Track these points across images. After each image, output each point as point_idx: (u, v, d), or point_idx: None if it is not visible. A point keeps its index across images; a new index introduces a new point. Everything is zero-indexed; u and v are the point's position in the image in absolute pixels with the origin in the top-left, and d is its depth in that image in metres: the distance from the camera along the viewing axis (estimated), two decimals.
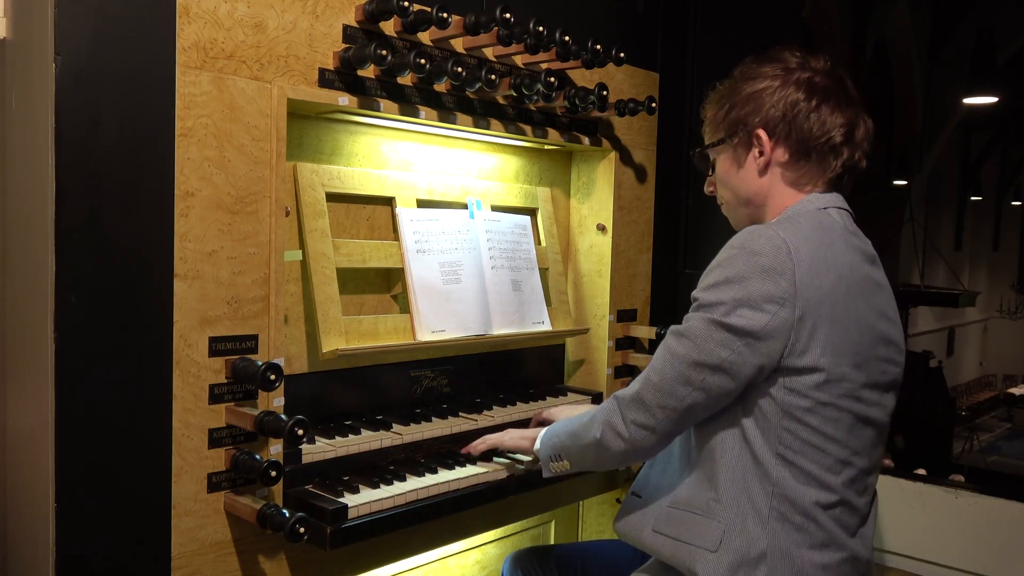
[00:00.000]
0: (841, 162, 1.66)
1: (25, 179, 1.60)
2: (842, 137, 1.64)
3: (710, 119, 1.78)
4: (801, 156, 1.65)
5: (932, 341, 13.98)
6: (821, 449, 1.54)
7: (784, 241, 1.51)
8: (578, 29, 2.24)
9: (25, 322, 1.60)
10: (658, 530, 1.66)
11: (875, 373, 1.59)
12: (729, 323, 1.52)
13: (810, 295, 1.49)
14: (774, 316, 1.49)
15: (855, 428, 1.57)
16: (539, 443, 1.93)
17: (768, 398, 1.54)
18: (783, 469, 1.54)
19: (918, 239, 10.76)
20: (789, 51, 1.70)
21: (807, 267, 1.50)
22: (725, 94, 1.73)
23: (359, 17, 1.89)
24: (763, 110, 1.65)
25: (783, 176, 1.68)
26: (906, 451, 8.35)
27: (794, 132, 1.64)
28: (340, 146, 2.12)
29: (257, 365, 1.66)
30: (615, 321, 2.67)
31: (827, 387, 1.52)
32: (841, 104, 1.65)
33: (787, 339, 1.49)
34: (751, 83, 1.68)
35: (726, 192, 1.78)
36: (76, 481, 1.52)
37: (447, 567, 2.48)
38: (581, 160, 2.71)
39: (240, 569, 1.74)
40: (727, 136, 1.72)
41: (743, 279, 1.51)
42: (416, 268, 2.18)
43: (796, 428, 1.53)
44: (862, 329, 1.56)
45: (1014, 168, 17.83)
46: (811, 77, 1.65)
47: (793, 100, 1.63)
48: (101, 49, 1.51)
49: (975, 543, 2.54)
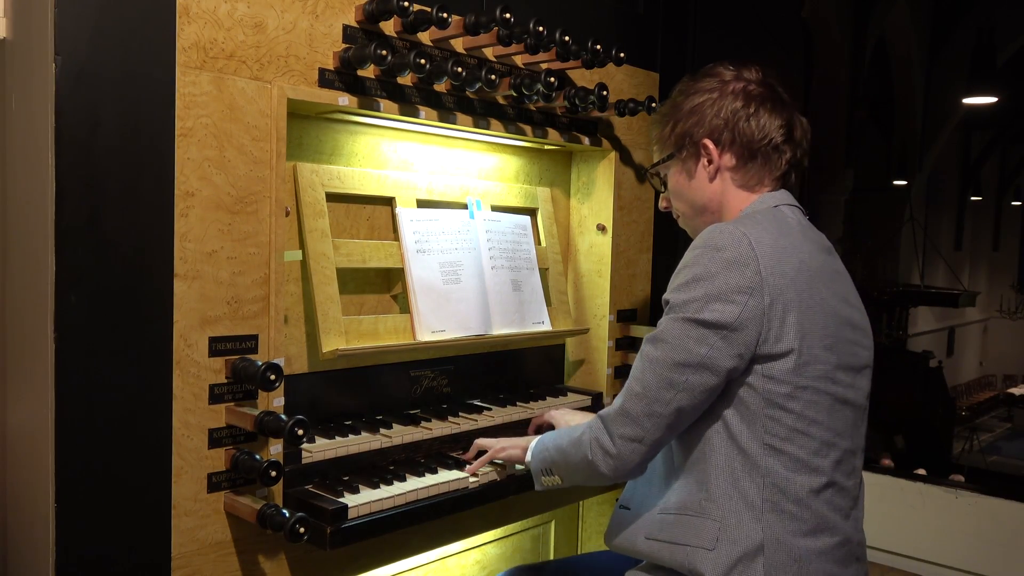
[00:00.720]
0: (785, 160, 1.75)
1: (25, 179, 1.60)
2: (782, 137, 1.74)
3: (656, 138, 1.87)
4: (748, 159, 1.74)
5: (932, 341, 13.98)
6: (806, 433, 1.58)
7: (744, 234, 1.57)
8: (578, 29, 2.24)
9: (25, 322, 1.60)
10: (652, 536, 1.67)
11: (845, 355, 1.64)
12: (703, 319, 1.56)
13: (776, 282, 1.55)
14: (745, 306, 1.54)
15: (835, 409, 1.61)
16: (530, 454, 1.94)
17: (748, 388, 1.57)
18: (771, 458, 1.57)
19: (918, 239, 10.77)
20: (722, 65, 1.80)
21: (769, 255, 1.56)
22: (668, 113, 1.83)
23: (359, 17, 1.89)
24: (706, 121, 1.75)
25: (733, 180, 1.76)
26: (906, 451, 8.35)
27: (738, 137, 1.73)
28: (340, 146, 2.12)
29: (257, 365, 1.67)
30: (615, 321, 2.67)
31: (803, 370, 1.56)
32: (776, 108, 1.74)
33: (760, 326, 1.54)
34: (691, 98, 1.78)
35: (681, 204, 1.86)
36: (76, 481, 1.52)
37: (447, 567, 2.48)
38: (581, 160, 2.71)
39: (240, 569, 1.74)
40: (675, 151, 1.81)
41: (711, 275, 1.56)
42: (416, 268, 2.18)
43: (779, 415, 1.56)
44: (827, 313, 1.61)
45: (1014, 168, 17.83)
46: (746, 86, 1.75)
47: (733, 108, 1.73)
48: (101, 49, 1.51)
49: (975, 543, 2.55)
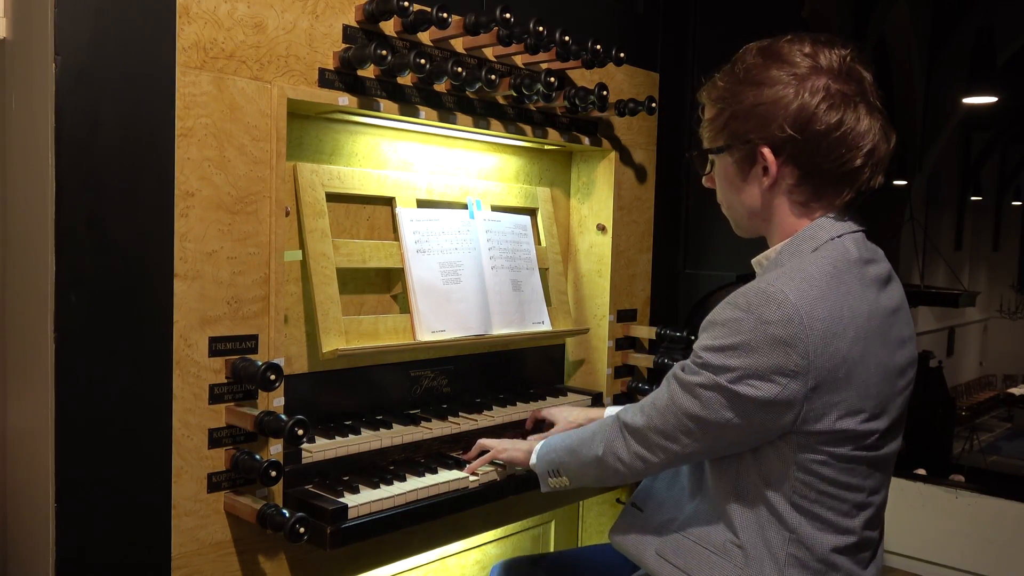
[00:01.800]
0: (857, 186, 1.49)
1: (25, 179, 1.60)
2: (862, 159, 1.45)
3: (709, 121, 1.58)
4: (810, 180, 1.49)
5: (932, 341, 13.98)
6: (838, 498, 1.47)
7: (796, 308, 1.37)
8: (578, 29, 2.24)
9: (25, 322, 1.60)
10: (663, 555, 1.60)
11: (895, 410, 1.50)
12: (737, 391, 1.41)
13: (824, 363, 1.38)
14: (785, 388, 1.38)
15: (873, 471, 1.50)
16: (535, 457, 1.89)
17: (782, 454, 1.46)
18: (799, 516, 1.47)
19: (918, 239, 10.75)
20: (798, 46, 1.47)
21: (822, 334, 1.38)
22: (725, 96, 1.53)
23: (359, 17, 1.89)
24: (769, 127, 1.46)
25: (790, 198, 1.52)
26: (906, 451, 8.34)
27: (805, 154, 1.45)
28: (340, 146, 2.12)
29: (257, 365, 1.66)
30: (615, 321, 2.67)
31: (844, 443, 1.44)
32: (861, 116, 1.44)
33: (800, 408, 1.40)
34: (755, 90, 1.47)
35: (729, 197, 1.63)
36: (76, 481, 1.52)
37: (447, 567, 2.47)
38: (581, 160, 2.71)
39: (240, 569, 1.74)
40: (727, 146, 1.55)
41: (752, 349, 1.39)
42: (416, 268, 2.18)
43: (812, 481, 1.46)
44: (882, 376, 1.45)
45: (1014, 168, 17.83)
46: (827, 84, 1.43)
47: (807, 117, 1.43)
48: (101, 49, 1.51)
49: (975, 543, 2.55)
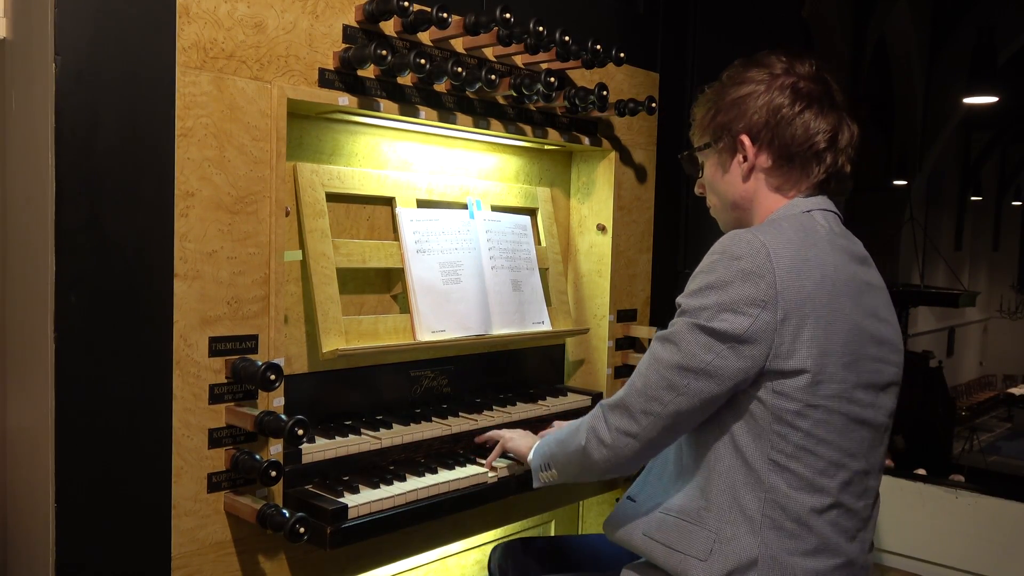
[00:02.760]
0: (824, 168, 1.66)
1: (25, 179, 1.60)
2: (825, 143, 1.64)
3: (698, 122, 1.78)
4: (784, 162, 1.66)
5: (932, 341, 13.99)
6: (813, 452, 1.53)
7: (763, 244, 1.51)
8: (578, 29, 2.24)
9: (25, 322, 1.60)
10: (649, 534, 1.66)
11: (867, 373, 1.58)
12: (712, 327, 1.51)
13: (792, 296, 1.49)
14: (756, 319, 1.49)
15: (848, 430, 1.56)
16: (533, 452, 1.95)
17: (757, 402, 1.53)
18: (775, 475, 1.53)
19: (918, 239, 10.76)
20: (776, 55, 1.69)
21: (788, 268, 1.50)
22: (712, 98, 1.74)
23: (359, 17, 1.89)
24: (747, 116, 1.66)
25: (767, 182, 1.68)
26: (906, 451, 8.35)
27: (777, 139, 1.64)
28: (340, 146, 2.12)
29: (257, 365, 1.67)
30: (615, 321, 2.67)
31: (816, 388, 1.51)
32: (824, 109, 1.64)
33: (771, 342, 1.49)
34: (737, 88, 1.68)
35: (713, 196, 1.80)
36: (76, 481, 1.52)
37: (447, 567, 2.47)
38: (581, 160, 2.71)
39: (240, 569, 1.74)
40: (712, 140, 1.73)
41: (724, 284, 1.51)
42: (416, 268, 2.18)
43: (787, 432, 1.52)
44: (850, 329, 1.54)
45: (1014, 168, 17.84)
46: (795, 82, 1.65)
47: (776, 106, 1.64)
48: (101, 49, 1.51)
49: (975, 543, 2.55)
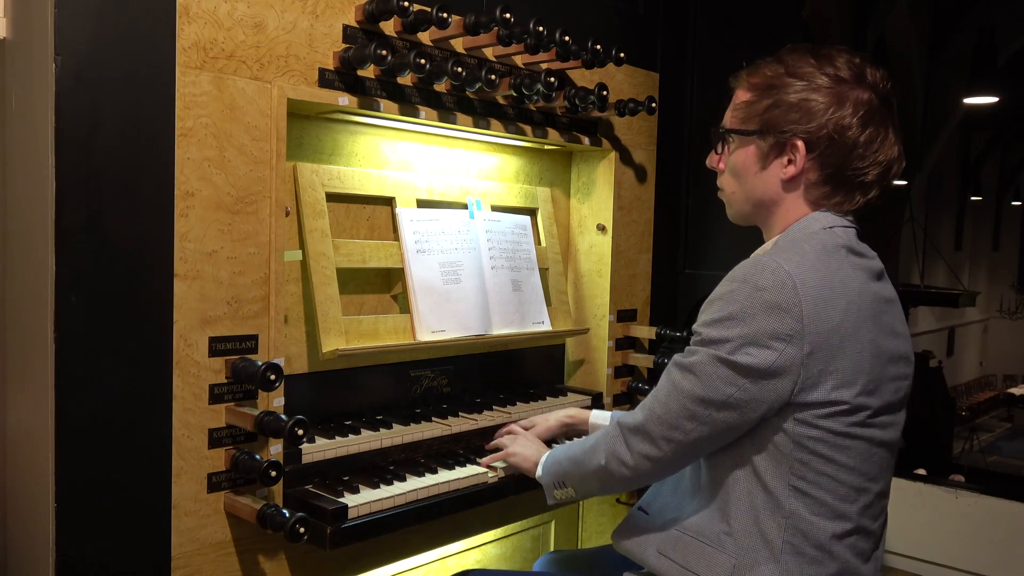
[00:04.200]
0: (866, 199, 1.59)
1: (25, 179, 1.60)
2: (876, 177, 1.56)
3: (744, 103, 1.62)
4: (830, 182, 1.56)
5: (932, 341, 13.98)
6: (835, 479, 1.49)
7: (789, 275, 1.44)
8: (578, 29, 2.24)
9: (25, 322, 1.60)
10: (664, 552, 1.62)
11: (888, 394, 1.53)
12: (735, 361, 1.45)
13: (818, 328, 1.43)
14: (782, 354, 1.43)
15: (870, 454, 1.52)
16: (541, 469, 1.89)
17: (780, 432, 1.48)
18: (796, 501, 1.49)
19: (918, 239, 10.75)
20: (847, 56, 1.56)
21: (813, 300, 1.43)
22: (770, 85, 1.58)
23: (359, 17, 1.89)
24: (811, 123, 1.53)
25: (805, 195, 1.58)
26: (906, 451, 8.35)
27: (834, 157, 1.54)
28: (340, 146, 2.12)
29: (257, 365, 1.66)
30: (615, 321, 2.67)
31: (840, 418, 1.47)
32: (887, 138, 1.55)
33: (797, 376, 1.44)
34: (803, 87, 1.54)
35: (735, 184, 1.66)
36: (76, 481, 1.52)
37: (447, 567, 2.47)
38: (581, 160, 2.71)
39: (240, 569, 1.74)
40: (759, 131, 1.59)
41: (747, 316, 1.44)
42: (416, 268, 2.18)
43: (809, 459, 1.48)
44: (874, 354, 1.49)
45: (1014, 168, 17.82)
46: (870, 99, 1.54)
47: (844, 126, 1.52)
48: (101, 49, 1.51)
49: (975, 543, 2.54)
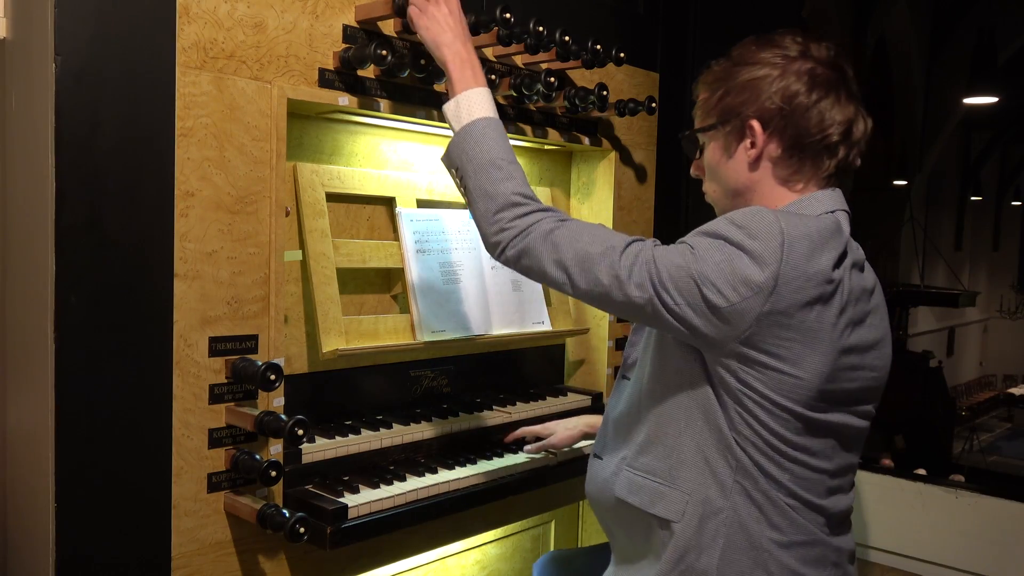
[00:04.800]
0: (836, 161, 1.59)
1: (25, 179, 1.60)
2: (839, 136, 1.57)
3: (702, 102, 1.68)
4: (795, 152, 1.58)
5: (932, 341, 13.98)
6: (770, 445, 1.49)
7: (782, 233, 1.43)
8: (578, 29, 2.24)
9: (25, 322, 1.60)
10: (623, 497, 1.62)
11: (842, 381, 1.52)
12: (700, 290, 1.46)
13: (787, 295, 1.43)
14: (743, 299, 1.43)
15: (813, 434, 1.51)
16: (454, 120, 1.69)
17: (724, 381, 1.49)
18: (742, 451, 1.50)
19: (918, 239, 10.77)
20: (791, 36, 1.61)
21: (794, 267, 1.43)
22: (720, 77, 1.64)
23: (359, 17, 1.89)
24: (759, 100, 1.57)
25: (774, 172, 1.60)
26: (906, 451, 8.36)
27: (790, 127, 1.56)
28: (340, 146, 2.12)
29: (257, 365, 1.67)
30: (615, 321, 2.67)
31: (785, 391, 1.47)
32: (841, 99, 1.57)
33: (747, 326, 1.43)
34: (749, 69, 1.60)
35: (712, 182, 1.71)
36: (76, 481, 1.52)
37: (447, 567, 2.47)
38: (581, 160, 2.71)
39: (240, 569, 1.74)
40: (718, 122, 1.64)
41: (730, 254, 1.45)
42: (416, 268, 2.18)
43: (750, 422, 1.49)
44: (831, 339, 1.48)
45: (1014, 168, 17.82)
46: (813, 68, 1.57)
47: (792, 92, 1.55)
48: (101, 49, 1.51)
49: (975, 543, 2.54)
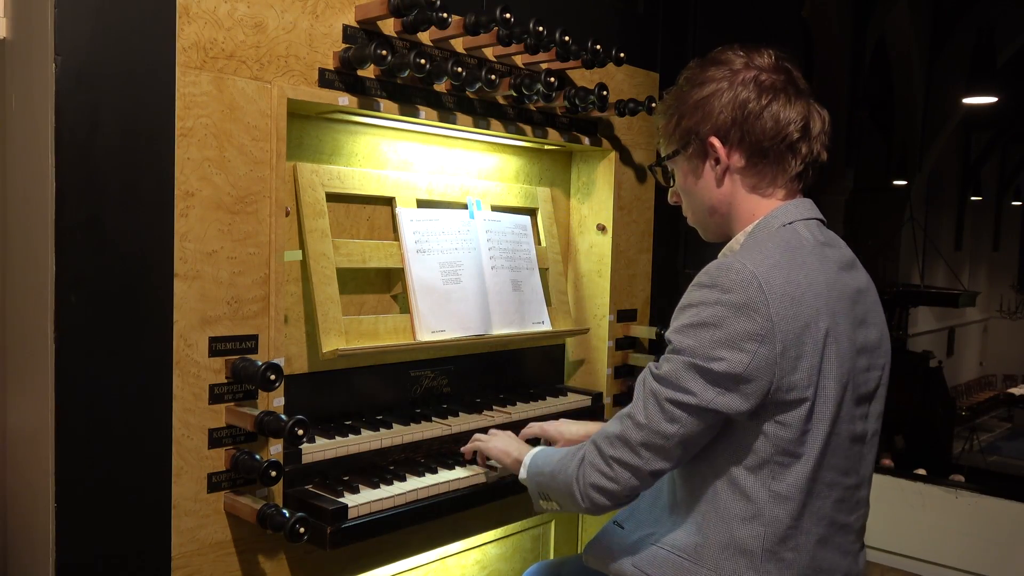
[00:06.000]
0: (800, 159, 1.60)
1: (25, 179, 1.60)
2: (799, 132, 1.58)
3: (662, 130, 1.72)
4: (758, 158, 1.60)
5: (932, 341, 13.99)
6: (812, 478, 1.49)
7: (754, 275, 1.44)
8: (578, 29, 2.24)
9: (25, 322, 1.60)
10: (640, 567, 1.60)
11: (859, 386, 1.55)
12: (710, 368, 1.45)
13: (788, 327, 1.43)
14: (755, 355, 1.43)
15: (842, 447, 1.53)
16: (525, 472, 1.82)
17: (758, 436, 1.48)
18: (778, 507, 1.49)
19: (918, 239, 10.77)
20: (732, 51, 1.64)
21: (780, 298, 1.44)
22: (673, 104, 1.68)
23: (359, 17, 1.89)
24: (713, 117, 1.60)
25: (743, 182, 1.62)
26: (906, 451, 8.37)
27: (747, 135, 1.58)
28: (340, 146, 2.12)
29: (257, 365, 1.67)
30: (615, 321, 2.67)
31: (815, 415, 1.48)
32: (791, 98, 1.59)
33: (772, 375, 1.44)
34: (698, 89, 1.63)
35: (689, 204, 1.73)
36: (76, 481, 1.52)
37: (447, 567, 2.47)
38: (581, 160, 2.71)
39: (240, 569, 1.74)
40: (681, 147, 1.67)
41: (718, 320, 1.45)
42: (416, 268, 2.18)
43: (788, 461, 1.48)
44: (842, 348, 1.50)
45: (1014, 168, 17.84)
46: (757, 75, 1.59)
47: (742, 101, 1.58)
48: (101, 49, 1.51)
49: (975, 543, 2.54)
